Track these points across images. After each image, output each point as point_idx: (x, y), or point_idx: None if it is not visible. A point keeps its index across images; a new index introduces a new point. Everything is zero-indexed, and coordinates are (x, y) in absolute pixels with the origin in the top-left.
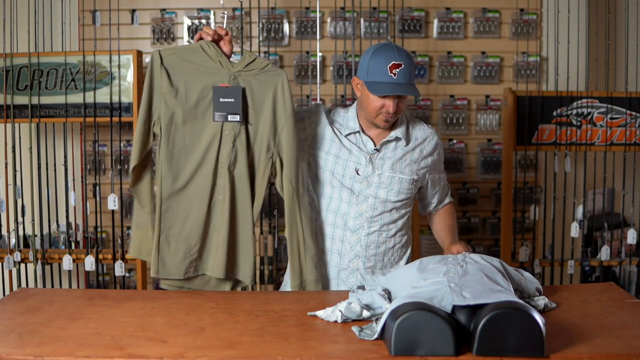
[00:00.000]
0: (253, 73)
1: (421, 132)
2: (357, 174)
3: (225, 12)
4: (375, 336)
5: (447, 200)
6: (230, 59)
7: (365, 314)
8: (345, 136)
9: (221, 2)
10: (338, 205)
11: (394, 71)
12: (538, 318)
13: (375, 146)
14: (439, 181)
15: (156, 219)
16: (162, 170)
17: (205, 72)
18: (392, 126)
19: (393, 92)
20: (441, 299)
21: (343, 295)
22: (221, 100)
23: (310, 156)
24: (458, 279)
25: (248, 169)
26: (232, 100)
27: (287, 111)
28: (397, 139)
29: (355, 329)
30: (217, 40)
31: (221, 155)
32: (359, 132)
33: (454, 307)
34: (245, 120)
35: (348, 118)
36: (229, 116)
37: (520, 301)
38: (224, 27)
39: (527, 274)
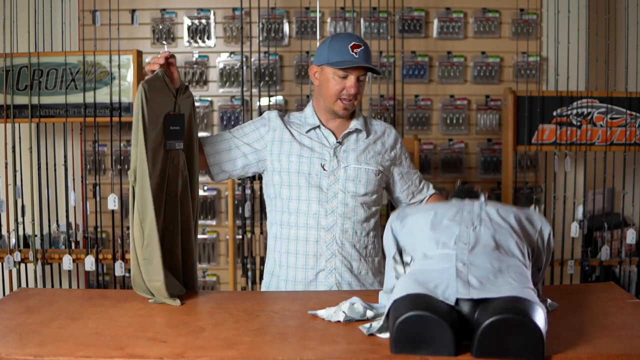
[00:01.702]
0: (184, 97)
1: (379, 126)
2: (324, 169)
3: (166, 43)
4: (387, 334)
5: (429, 191)
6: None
7: (369, 313)
8: (306, 133)
9: (165, 47)
10: (308, 205)
11: (355, 50)
12: (540, 321)
13: (337, 139)
14: (409, 175)
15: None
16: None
17: (165, 101)
18: (350, 117)
19: (358, 64)
20: (446, 287)
21: (343, 295)
22: (171, 128)
23: (273, 162)
24: (467, 254)
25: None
26: (179, 127)
27: (196, 124)
28: (357, 130)
29: (363, 328)
30: (165, 66)
31: (172, 185)
32: (319, 126)
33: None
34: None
35: (306, 116)
36: (176, 144)
37: (526, 296)
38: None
39: (536, 220)
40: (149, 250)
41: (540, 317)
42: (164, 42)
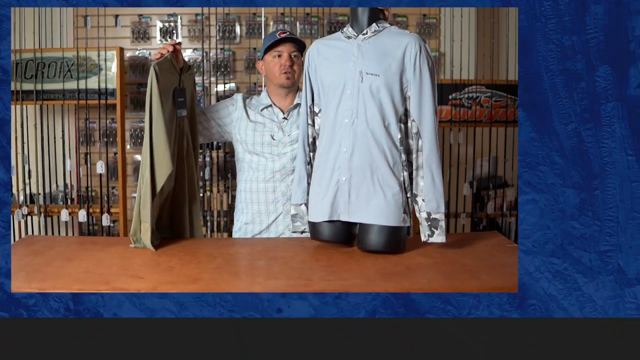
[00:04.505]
0: (187, 75)
1: None
2: (273, 139)
3: (176, 38)
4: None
5: None
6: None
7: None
8: (261, 111)
9: (175, 38)
10: (265, 164)
11: (281, 35)
12: (401, 237)
13: (283, 115)
14: None
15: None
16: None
17: (172, 78)
18: (295, 93)
19: (283, 37)
20: (337, 207)
21: (287, 241)
22: (179, 99)
23: (236, 134)
24: (347, 163)
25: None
26: (183, 99)
27: (195, 96)
28: (298, 105)
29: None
30: (173, 51)
31: (179, 145)
32: (271, 105)
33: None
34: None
35: (261, 97)
36: (183, 112)
37: (389, 221)
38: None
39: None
40: (145, 197)
41: (401, 235)
42: (173, 38)
